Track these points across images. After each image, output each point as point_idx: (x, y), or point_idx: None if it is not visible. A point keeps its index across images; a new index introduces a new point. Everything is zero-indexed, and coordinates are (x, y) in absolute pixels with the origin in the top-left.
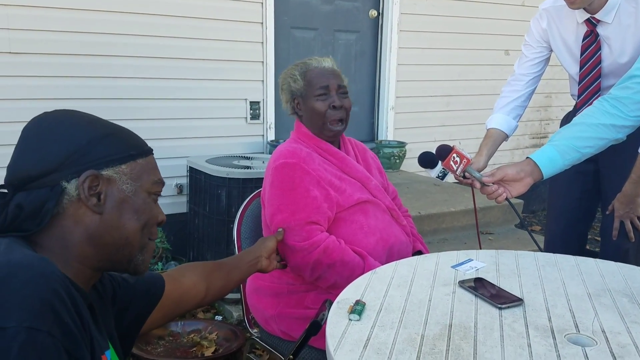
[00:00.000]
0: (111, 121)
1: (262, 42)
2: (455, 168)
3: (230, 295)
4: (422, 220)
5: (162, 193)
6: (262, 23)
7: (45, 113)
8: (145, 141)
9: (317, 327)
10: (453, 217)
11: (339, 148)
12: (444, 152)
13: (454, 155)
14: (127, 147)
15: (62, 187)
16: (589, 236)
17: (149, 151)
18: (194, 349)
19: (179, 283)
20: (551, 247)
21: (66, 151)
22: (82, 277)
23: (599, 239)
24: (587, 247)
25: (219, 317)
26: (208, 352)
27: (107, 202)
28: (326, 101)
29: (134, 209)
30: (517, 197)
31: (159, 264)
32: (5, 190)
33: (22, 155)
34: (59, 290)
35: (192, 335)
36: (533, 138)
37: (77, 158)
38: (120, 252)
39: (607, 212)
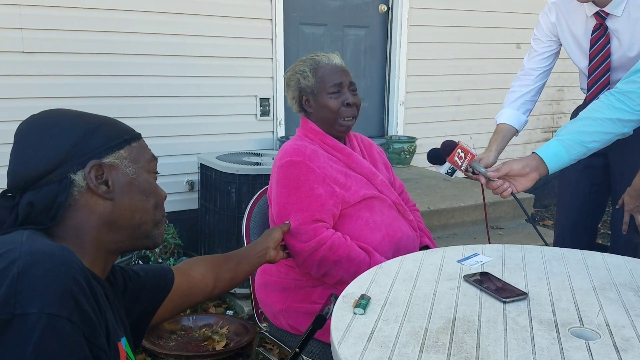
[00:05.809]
0: (125, 120)
1: (272, 39)
2: (460, 163)
3: (240, 290)
4: (431, 215)
5: (173, 190)
6: (271, 19)
7: (33, 115)
8: (157, 138)
9: (322, 321)
10: (463, 212)
11: (345, 144)
12: (449, 147)
13: (459, 150)
14: (120, 133)
15: (70, 179)
16: (602, 230)
17: (139, 135)
18: (205, 343)
19: (187, 276)
20: (561, 241)
21: (66, 145)
22: (98, 265)
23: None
24: (600, 241)
25: (230, 312)
26: (219, 347)
27: (116, 188)
28: (339, 99)
29: (141, 191)
30: (527, 192)
31: (171, 259)
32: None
33: (22, 157)
34: (79, 279)
35: (204, 329)
36: (545, 132)
37: (78, 150)
38: (137, 232)
39: (617, 206)
